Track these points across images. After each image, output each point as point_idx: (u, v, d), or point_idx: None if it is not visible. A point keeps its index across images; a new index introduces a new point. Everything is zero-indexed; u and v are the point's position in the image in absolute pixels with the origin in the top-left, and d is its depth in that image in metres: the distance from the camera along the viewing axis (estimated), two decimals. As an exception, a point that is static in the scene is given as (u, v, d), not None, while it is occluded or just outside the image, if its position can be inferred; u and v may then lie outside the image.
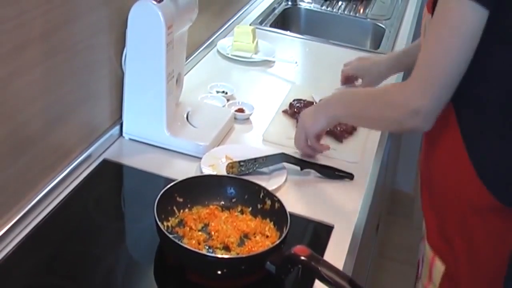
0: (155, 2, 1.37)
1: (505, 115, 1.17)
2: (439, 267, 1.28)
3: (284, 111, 1.71)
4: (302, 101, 1.72)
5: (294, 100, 1.73)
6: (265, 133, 1.62)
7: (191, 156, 1.49)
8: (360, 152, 1.58)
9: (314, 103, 1.69)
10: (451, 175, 1.25)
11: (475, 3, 1.08)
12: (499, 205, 1.19)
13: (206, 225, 1.23)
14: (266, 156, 1.46)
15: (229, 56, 2.03)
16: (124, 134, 1.53)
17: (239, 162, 1.44)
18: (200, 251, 1.14)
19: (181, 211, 1.24)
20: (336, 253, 1.25)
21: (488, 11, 1.08)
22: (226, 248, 1.18)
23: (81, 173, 1.38)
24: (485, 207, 1.20)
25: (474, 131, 1.20)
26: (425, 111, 1.17)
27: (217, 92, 1.78)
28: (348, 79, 1.80)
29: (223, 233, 1.20)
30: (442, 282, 1.28)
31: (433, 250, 1.30)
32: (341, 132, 1.60)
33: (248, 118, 1.69)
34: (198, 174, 1.41)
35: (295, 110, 1.68)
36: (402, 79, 1.97)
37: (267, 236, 1.21)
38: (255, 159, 1.45)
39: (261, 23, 2.35)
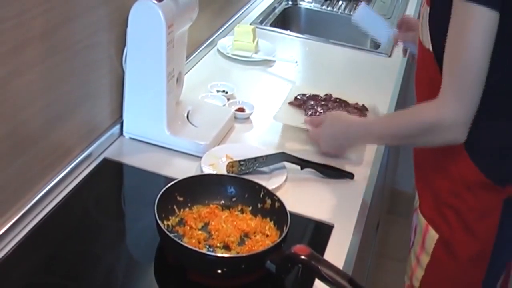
0: (155, 1, 1.37)
1: (494, 97, 1.20)
2: (433, 235, 1.33)
3: (290, 103, 1.72)
4: (306, 95, 1.74)
5: (298, 95, 1.74)
6: (276, 115, 1.64)
7: (192, 155, 1.49)
8: (361, 151, 1.58)
9: (319, 97, 1.72)
10: (443, 154, 1.29)
11: (484, 7, 1.12)
12: (489, 182, 1.25)
13: (206, 224, 1.23)
14: (266, 156, 1.46)
15: (230, 55, 2.03)
16: (124, 133, 1.53)
17: (239, 161, 1.44)
18: (201, 250, 1.14)
19: (181, 210, 1.24)
20: (336, 252, 1.25)
21: (498, 12, 1.12)
22: (226, 247, 1.18)
23: (81, 172, 1.38)
24: (475, 184, 1.26)
25: None
26: (463, 121, 1.18)
27: (218, 91, 1.78)
28: (404, 25, 1.73)
29: (223, 232, 1.20)
30: (435, 249, 1.33)
31: (427, 219, 1.34)
32: None
33: (248, 118, 1.69)
34: (199, 173, 1.41)
35: (302, 101, 1.71)
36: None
37: (267, 235, 1.21)
38: (255, 159, 1.44)
39: (261, 22, 2.35)
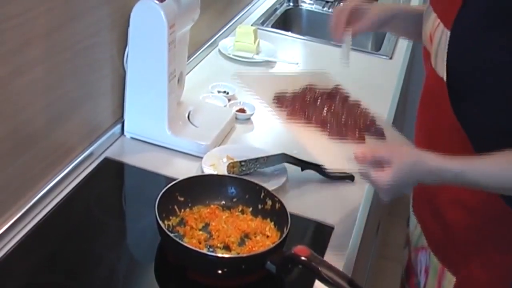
0: (157, 2, 1.37)
1: None
2: (450, 279, 1.24)
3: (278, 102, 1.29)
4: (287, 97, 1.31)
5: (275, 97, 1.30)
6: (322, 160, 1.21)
7: (192, 156, 1.49)
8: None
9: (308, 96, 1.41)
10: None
11: None
12: (511, 210, 1.16)
13: (207, 224, 1.23)
14: (267, 156, 1.46)
15: (231, 56, 2.03)
16: (125, 133, 1.53)
17: (240, 162, 1.44)
18: (201, 250, 1.14)
19: (182, 210, 1.24)
20: (336, 254, 1.25)
21: None
22: (227, 248, 1.18)
23: (82, 172, 1.39)
24: (495, 213, 1.18)
25: (483, 143, 1.17)
26: None
27: (219, 92, 1.78)
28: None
29: (224, 233, 1.20)
30: None
31: (441, 260, 1.26)
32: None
33: (249, 118, 1.69)
34: (199, 173, 1.42)
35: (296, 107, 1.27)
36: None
37: (268, 236, 1.21)
38: (256, 159, 1.45)
39: (262, 23, 2.36)
